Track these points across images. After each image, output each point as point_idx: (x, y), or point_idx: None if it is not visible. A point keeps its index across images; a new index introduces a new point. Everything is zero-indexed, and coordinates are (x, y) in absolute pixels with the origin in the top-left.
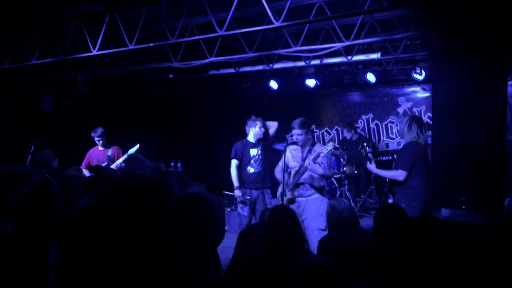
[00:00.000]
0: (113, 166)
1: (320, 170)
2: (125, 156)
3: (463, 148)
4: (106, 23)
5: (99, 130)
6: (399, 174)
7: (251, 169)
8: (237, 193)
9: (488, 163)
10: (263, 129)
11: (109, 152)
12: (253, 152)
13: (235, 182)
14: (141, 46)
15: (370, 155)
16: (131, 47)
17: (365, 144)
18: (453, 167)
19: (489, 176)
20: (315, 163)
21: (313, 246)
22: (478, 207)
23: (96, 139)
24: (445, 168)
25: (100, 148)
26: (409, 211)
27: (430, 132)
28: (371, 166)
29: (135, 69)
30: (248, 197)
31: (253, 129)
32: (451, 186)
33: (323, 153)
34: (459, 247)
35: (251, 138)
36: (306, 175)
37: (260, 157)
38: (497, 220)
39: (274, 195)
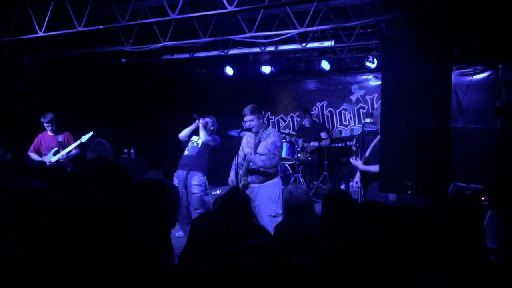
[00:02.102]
0: (63, 152)
1: (259, 162)
2: (78, 142)
3: (409, 134)
4: (53, 3)
5: (48, 116)
6: None
7: (186, 152)
8: None
9: (433, 149)
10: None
11: (60, 137)
12: (195, 138)
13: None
14: (90, 28)
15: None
16: (80, 29)
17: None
18: (400, 153)
19: (434, 161)
20: (256, 152)
21: None
22: (424, 192)
23: (45, 124)
24: (392, 153)
25: (50, 134)
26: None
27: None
28: (357, 163)
29: (86, 52)
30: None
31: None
32: (398, 171)
33: (263, 138)
34: (407, 230)
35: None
36: None
37: (198, 144)
38: (441, 203)
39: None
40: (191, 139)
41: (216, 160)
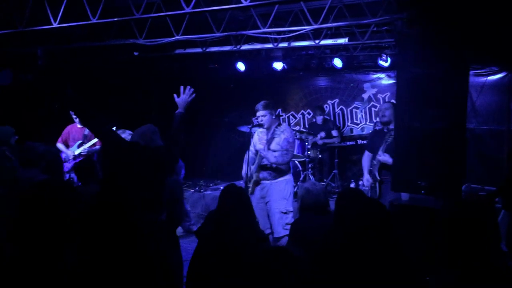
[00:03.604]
0: (86, 146)
1: (272, 158)
2: None
3: (424, 134)
4: None
5: None
6: None
7: None
8: None
9: (448, 149)
10: None
11: (86, 130)
12: None
13: None
14: (104, 20)
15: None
16: (94, 21)
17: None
18: (414, 152)
19: (448, 161)
20: (269, 148)
21: (276, 228)
22: (437, 192)
23: (74, 116)
24: (406, 153)
25: (79, 126)
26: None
27: None
28: (386, 158)
29: (99, 44)
30: None
31: None
32: (411, 170)
33: (277, 134)
34: (417, 230)
35: None
36: None
37: None
38: (451, 204)
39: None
40: None
41: (225, 156)
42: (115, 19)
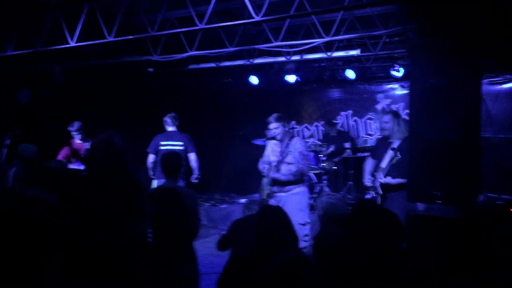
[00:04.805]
0: None
1: (282, 177)
2: None
3: (438, 143)
4: (85, 14)
5: (76, 125)
6: None
7: None
8: None
9: (463, 158)
10: None
11: (87, 145)
12: None
13: None
14: (120, 38)
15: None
16: (110, 39)
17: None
18: (429, 162)
19: (463, 171)
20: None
21: None
22: (453, 202)
23: (73, 133)
24: (421, 163)
25: (78, 141)
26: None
27: None
28: (388, 180)
29: (114, 61)
30: None
31: None
32: (427, 180)
33: (291, 150)
34: (434, 240)
35: None
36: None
37: None
38: (472, 213)
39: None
40: None
41: (240, 169)
42: (130, 36)
